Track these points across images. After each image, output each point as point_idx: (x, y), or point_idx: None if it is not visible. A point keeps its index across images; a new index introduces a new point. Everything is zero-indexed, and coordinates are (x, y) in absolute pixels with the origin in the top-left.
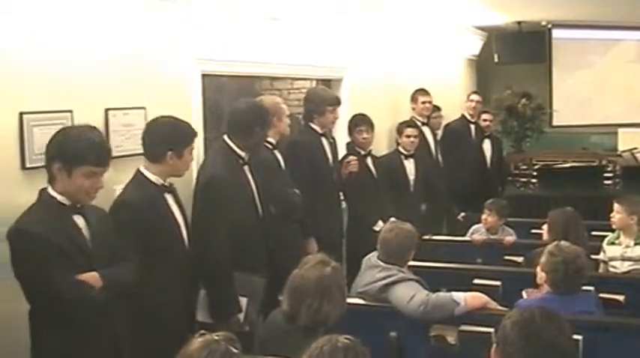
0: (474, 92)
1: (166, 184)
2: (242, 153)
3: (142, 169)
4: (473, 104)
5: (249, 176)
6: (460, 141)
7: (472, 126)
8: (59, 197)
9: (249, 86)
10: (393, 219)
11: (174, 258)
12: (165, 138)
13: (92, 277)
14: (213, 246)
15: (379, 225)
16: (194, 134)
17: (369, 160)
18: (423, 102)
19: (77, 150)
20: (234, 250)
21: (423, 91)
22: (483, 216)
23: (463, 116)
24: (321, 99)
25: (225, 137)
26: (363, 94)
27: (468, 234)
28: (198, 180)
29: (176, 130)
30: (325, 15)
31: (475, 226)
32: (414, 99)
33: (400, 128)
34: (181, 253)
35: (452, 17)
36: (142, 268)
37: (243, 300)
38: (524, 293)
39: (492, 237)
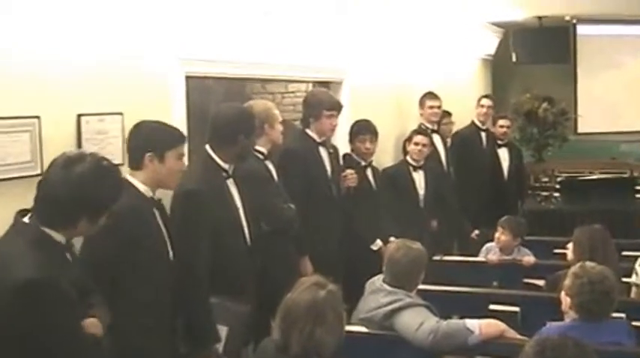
0: (485, 96)
1: (155, 198)
2: (225, 165)
3: (128, 177)
4: (484, 110)
5: (234, 190)
6: (469, 150)
7: (483, 134)
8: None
9: (239, 89)
10: (392, 238)
11: (159, 278)
12: (143, 139)
13: (94, 325)
14: (190, 266)
15: (377, 244)
16: (180, 137)
17: (368, 172)
18: (431, 107)
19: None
20: (217, 272)
21: (431, 95)
22: (496, 235)
23: (473, 123)
24: (319, 101)
25: (207, 147)
26: (366, 99)
27: (481, 253)
28: (173, 195)
29: (158, 131)
30: (324, 10)
31: (489, 244)
32: (421, 103)
33: (410, 135)
34: (167, 273)
35: (464, 12)
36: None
37: (223, 329)
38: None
39: (506, 257)
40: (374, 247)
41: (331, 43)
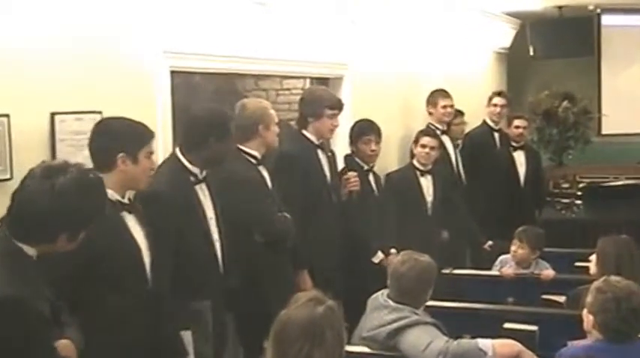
0: (498, 94)
1: (125, 201)
2: (194, 169)
3: None
4: (497, 109)
5: (204, 197)
6: (482, 153)
7: (496, 135)
8: None
9: (230, 86)
10: (393, 250)
11: (132, 287)
12: (113, 139)
13: (67, 348)
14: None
15: (378, 257)
16: (150, 134)
17: (371, 177)
18: (444, 107)
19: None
20: (182, 286)
21: (443, 93)
22: (512, 248)
23: (485, 123)
24: (319, 99)
25: (177, 149)
26: (369, 96)
27: (495, 266)
28: (139, 197)
29: (127, 129)
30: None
31: (503, 257)
32: (432, 102)
33: (417, 136)
34: (141, 282)
35: (477, 2)
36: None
37: (187, 334)
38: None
39: (523, 271)
40: (375, 259)
41: (331, 36)
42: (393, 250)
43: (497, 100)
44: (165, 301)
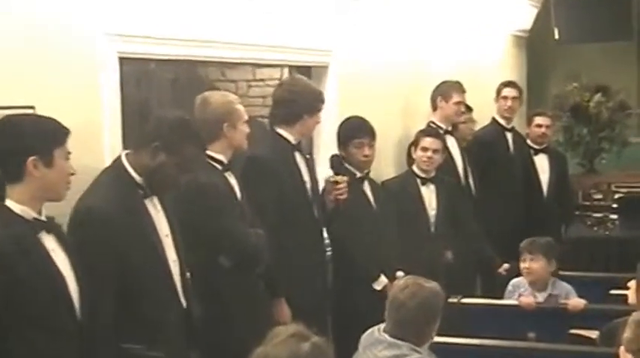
0: (509, 84)
1: (42, 218)
2: (141, 181)
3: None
4: (507, 102)
5: (156, 213)
6: (491, 157)
7: (508, 135)
8: None
9: (192, 76)
10: (401, 273)
11: (58, 324)
12: (20, 139)
13: None
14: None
15: (381, 283)
16: (65, 131)
17: (365, 185)
18: (458, 103)
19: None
20: (129, 317)
21: (459, 86)
22: (523, 265)
23: (494, 120)
24: (313, 92)
25: (124, 155)
26: (359, 89)
27: (507, 293)
28: (70, 216)
29: (37, 127)
30: None
31: (515, 280)
32: (444, 95)
33: (417, 137)
34: (68, 317)
35: None
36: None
37: None
38: None
39: (539, 294)
40: (377, 286)
41: (313, 16)
42: (399, 273)
43: (507, 91)
44: (102, 343)
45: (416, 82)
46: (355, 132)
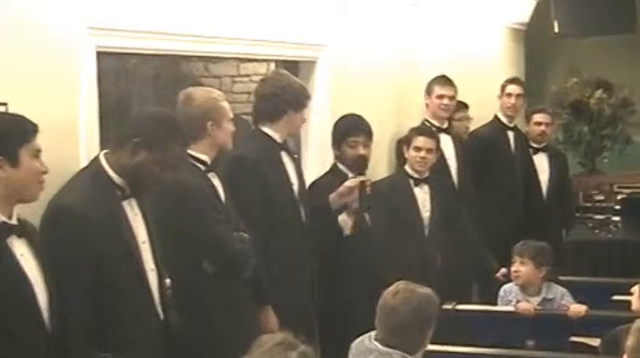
0: (512, 80)
1: (12, 222)
2: (121, 182)
3: None
4: (512, 99)
5: (133, 215)
6: (492, 157)
7: (510, 134)
8: None
9: (175, 72)
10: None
11: (24, 337)
12: None
13: None
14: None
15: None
16: (33, 128)
17: None
18: (440, 97)
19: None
20: (105, 325)
21: (442, 80)
22: (513, 268)
23: (496, 118)
24: (299, 88)
25: (102, 155)
26: (350, 86)
27: (500, 299)
28: (43, 214)
29: (1, 124)
30: None
31: (507, 286)
32: (428, 91)
33: (409, 136)
34: (35, 329)
35: None
36: None
37: None
38: None
39: (532, 299)
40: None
41: (302, 9)
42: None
43: (512, 88)
44: (74, 354)
45: (410, 77)
46: (350, 130)
